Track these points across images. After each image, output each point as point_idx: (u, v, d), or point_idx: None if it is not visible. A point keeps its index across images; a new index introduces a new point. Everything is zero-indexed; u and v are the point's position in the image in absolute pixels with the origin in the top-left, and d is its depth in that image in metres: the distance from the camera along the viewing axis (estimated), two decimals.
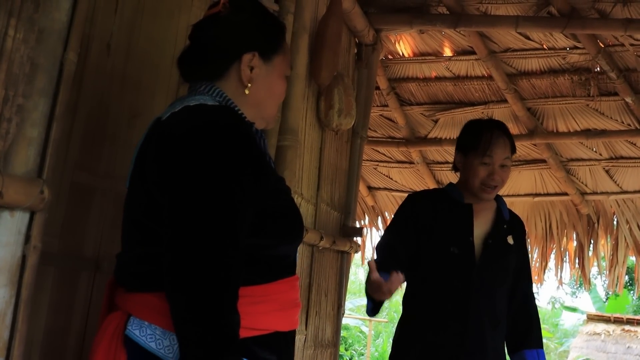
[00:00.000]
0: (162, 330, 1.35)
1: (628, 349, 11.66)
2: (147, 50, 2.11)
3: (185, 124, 1.40)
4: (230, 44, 1.53)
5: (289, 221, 1.51)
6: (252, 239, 1.37)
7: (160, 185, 1.36)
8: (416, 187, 5.62)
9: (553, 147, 5.12)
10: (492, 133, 2.48)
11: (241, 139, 1.39)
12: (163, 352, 1.35)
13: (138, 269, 1.42)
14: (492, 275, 2.48)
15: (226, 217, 1.30)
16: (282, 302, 1.47)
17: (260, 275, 1.42)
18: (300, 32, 2.58)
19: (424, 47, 4.61)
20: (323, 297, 3.46)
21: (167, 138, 1.39)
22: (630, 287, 16.98)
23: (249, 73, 1.53)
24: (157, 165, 1.37)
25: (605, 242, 5.59)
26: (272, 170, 1.53)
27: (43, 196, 1.33)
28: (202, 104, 1.44)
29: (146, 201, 1.39)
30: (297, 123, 2.58)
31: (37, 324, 1.74)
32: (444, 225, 2.51)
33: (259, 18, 1.58)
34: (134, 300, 1.40)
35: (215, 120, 1.39)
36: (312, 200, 3.27)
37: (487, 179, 2.46)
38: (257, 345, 1.39)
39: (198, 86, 1.53)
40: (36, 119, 1.34)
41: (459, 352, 2.39)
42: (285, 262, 1.52)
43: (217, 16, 1.54)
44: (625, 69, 4.35)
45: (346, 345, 14.14)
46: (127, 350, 1.36)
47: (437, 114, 5.05)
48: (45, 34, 1.36)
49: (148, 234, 1.39)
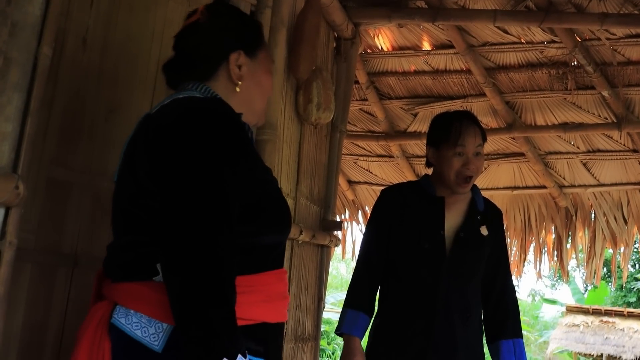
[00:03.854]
0: (147, 318, 1.37)
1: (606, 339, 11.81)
2: (123, 44, 2.10)
3: (175, 111, 1.43)
4: (214, 48, 1.58)
5: (277, 211, 1.53)
6: (239, 226, 1.38)
7: (152, 173, 1.38)
8: (396, 181, 5.62)
9: (531, 140, 5.16)
10: (461, 123, 2.50)
11: (230, 124, 1.42)
12: (148, 340, 1.36)
13: (122, 259, 1.44)
14: (464, 269, 2.48)
15: (219, 198, 1.33)
16: (268, 293, 1.48)
17: (246, 266, 1.43)
18: (278, 27, 2.57)
19: (403, 41, 4.61)
20: (303, 290, 3.47)
21: (156, 127, 1.41)
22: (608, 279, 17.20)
23: (238, 71, 1.58)
24: (148, 155, 1.39)
25: (583, 234, 5.64)
26: (260, 159, 1.56)
27: (18, 192, 1.32)
28: (191, 96, 1.48)
29: (135, 190, 1.41)
30: (275, 117, 2.58)
31: (14, 320, 1.74)
32: (415, 220, 2.52)
33: (236, 19, 1.64)
34: (120, 289, 1.41)
35: (204, 107, 1.43)
36: (291, 195, 3.27)
37: (463, 169, 2.47)
38: (244, 335, 1.39)
39: (187, 84, 1.56)
40: (10, 113, 1.34)
41: (427, 348, 2.40)
42: (273, 253, 1.53)
43: (197, 24, 1.59)
44: (601, 63, 4.39)
45: (328, 339, 14.18)
46: (112, 339, 1.37)
47: (417, 107, 5.06)
48: (19, 28, 1.35)
49: (133, 222, 1.41)
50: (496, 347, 2.53)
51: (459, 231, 2.49)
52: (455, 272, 2.45)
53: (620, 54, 4.30)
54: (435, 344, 2.40)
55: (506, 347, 2.51)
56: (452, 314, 2.43)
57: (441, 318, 2.41)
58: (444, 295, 2.42)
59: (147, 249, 1.39)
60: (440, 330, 2.40)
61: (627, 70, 4.38)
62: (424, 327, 2.41)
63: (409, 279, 2.48)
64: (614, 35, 4.15)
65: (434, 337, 2.40)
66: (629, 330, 11.77)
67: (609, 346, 11.69)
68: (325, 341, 13.82)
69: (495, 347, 2.54)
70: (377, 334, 2.56)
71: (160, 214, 1.34)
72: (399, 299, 2.51)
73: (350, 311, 2.52)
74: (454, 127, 2.49)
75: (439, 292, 2.42)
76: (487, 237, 2.53)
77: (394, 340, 2.47)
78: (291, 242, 3.27)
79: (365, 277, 2.57)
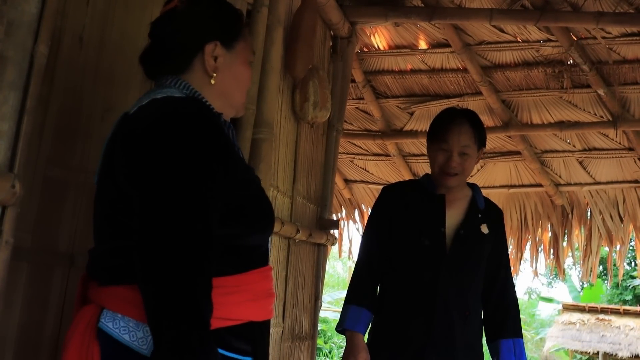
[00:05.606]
0: (135, 322, 1.35)
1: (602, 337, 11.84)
2: (120, 43, 2.10)
3: (152, 115, 1.39)
4: (190, 37, 1.54)
5: (259, 210, 1.52)
6: (222, 229, 1.37)
7: (130, 177, 1.35)
8: (392, 180, 5.63)
9: (527, 139, 5.17)
10: (451, 120, 2.52)
11: (208, 129, 1.39)
12: (137, 344, 1.34)
13: (110, 263, 1.41)
14: (464, 267, 2.48)
15: (196, 207, 1.30)
16: (255, 292, 1.47)
17: (231, 266, 1.42)
18: (274, 25, 2.57)
19: (399, 39, 4.62)
20: (300, 289, 3.47)
21: (134, 131, 1.38)
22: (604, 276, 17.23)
23: (213, 63, 1.53)
24: (126, 159, 1.36)
25: (579, 232, 5.65)
26: (240, 159, 1.53)
27: (14, 191, 1.32)
28: (169, 97, 1.44)
29: (116, 195, 1.38)
30: (272, 116, 2.57)
31: (10, 320, 1.73)
32: (416, 217, 2.53)
33: (215, 8, 1.59)
34: (107, 293, 1.39)
35: (182, 110, 1.39)
36: (288, 193, 3.27)
37: (445, 166, 2.48)
38: (231, 335, 1.39)
39: (164, 80, 1.53)
40: (6, 112, 1.33)
41: (425, 346, 2.40)
42: (257, 252, 1.52)
43: (174, 11, 1.55)
44: (597, 62, 4.40)
45: (325, 338, 14.17)
46: (100, 343, 1.36)
47: (413, 106, 5.07)
48: (15, 27, 1.35)
49: (119, 228, 1.39)
50: (496, 346, 2.53)
51: (459, 228, 2.50)
52: (454, 269, 2.46)
53: (616, 53, 4.32)
54: (434, 342, 2.40)
55: (506, 347, 2.51)
56: (451, 312, 2.43)
57: (440, 316, 2.41)
58: (443, 293, 2.42)
59: None
60: (440, 328, 2.40)
61: (622, 68, 4.39)
62: (423, 325, 2.41)
63: (409, 276, 2.49)
64: (609, 34, 4.16)
65: (433, 335, 2.40)
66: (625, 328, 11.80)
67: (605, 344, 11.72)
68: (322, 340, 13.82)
69: (495, 346, 2.54)
70: (377, 332, 2.56)
71: (136, 220, 1.31)
72: (398, 296, 2.51)
73: (353, 307, 2.52)
74: (442, 123, 2.54)
75: (438, 290, 2.42)
76: (487, 236, 2.53)
77: (393, 338, 2.47)
78: (288, 241, 3.27)
79: (367, 273, 2.57)
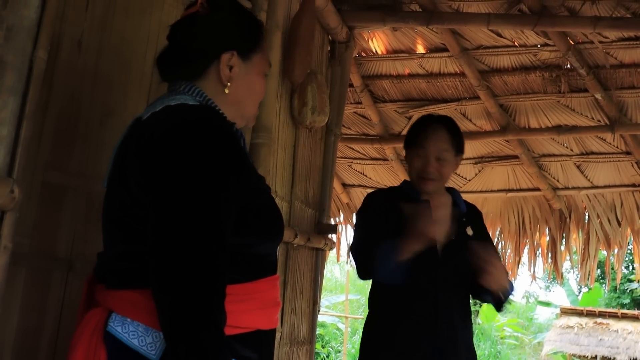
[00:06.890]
0: (144, 327, 1.35)
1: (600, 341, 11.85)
2: (119, 48, 2.10)
3: (167, 122, 1.38)
4: (208, 44, 1.53)
5: (270, 219, 1.52)
6: (234, 238, 1.37)
7: (144, 185, 1.34)
8: (390, 184, 5.63)
9: (525, 143, 5.18)
10: (427, 126, 2.52)
11: (223, 137, 1.38)
12: (145, 349, 1.34)
13: (120, 266, 1.41)
14: (457, 270, 2.46)
15: (211, 216, 1.30)
16: (263, 300, 1.47)
17: (242, 274, 1.42)
18: (273, 30, 2.58)
19: (397, 44, 4.63)
20: (298, 294, 3.47)
21: (149, 137, 1.37)
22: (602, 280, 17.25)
23: (228, 72, 1.53)
24: (140, 165, 1.36)
25: (577, 236, 5.66)
26: (253, 169, 1.53)
27: (13, 195, 1.32)
28: (183, 104, 1.44)
29: (127, 200, 1.38)
30: (270, 120, 2.58)
31: (8, 325, 1.73)
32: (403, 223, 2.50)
33: (237, 16, 1.58)
34: (116, 296, 1.39)
35: (196, 118, 1.39)
36: (286, 198, 3.27)
37: (422, 171, 2.49)
38: (240, 343, 1.39)
39: (178, 86, 1.52)
40: (5, 117, 1.33)
41: (432, 353, 2.37)
42: (266, 260, 1.52)
43: (195, 16, 1.53)
44: (594, 66, 4.41)
45: (323, 342, 14.16)
46: (107, 347, 1.35)
47: (411, 111, 5.07)
48: (14, 32, 1.35)
49: (129, 232, 1.38)
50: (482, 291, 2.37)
51: (450, 234, 2.48)
52: (450, 274, 2.44)
53: (613, 57, 4.33)
54: (440, 347, 2.38)
55: None
56: (453, 316, 2.42)
57: (443, 321, 2.39)
58: (443, 298, 2.40)
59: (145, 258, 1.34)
60: (445, 334, 2.38)
61: (619, 72, 4.40)
62: (428, 332, 2.38)
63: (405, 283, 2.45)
64: (606, 38, 4.17)
65: (438, 340, 2.38)
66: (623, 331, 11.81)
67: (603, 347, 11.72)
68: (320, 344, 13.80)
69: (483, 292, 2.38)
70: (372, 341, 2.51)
71: (151, 230, 1.31)
72: (394, 305, 2.46)
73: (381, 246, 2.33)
74: (419, 128, 2.54)
75: (437, 296, 2.40)
76: (472, 237, 2.53)
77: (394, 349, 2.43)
78: (286, 245, 3.27)
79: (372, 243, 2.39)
